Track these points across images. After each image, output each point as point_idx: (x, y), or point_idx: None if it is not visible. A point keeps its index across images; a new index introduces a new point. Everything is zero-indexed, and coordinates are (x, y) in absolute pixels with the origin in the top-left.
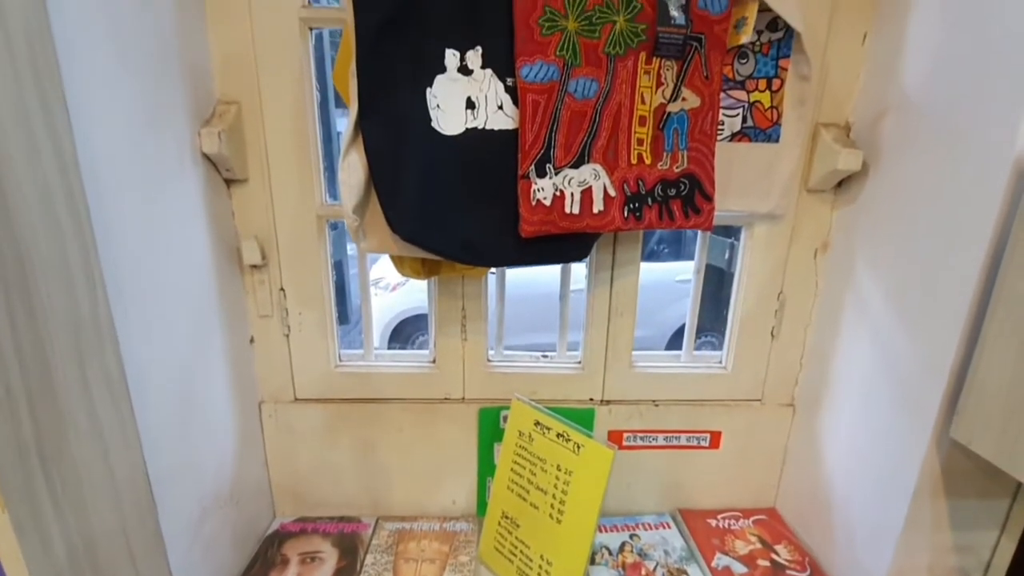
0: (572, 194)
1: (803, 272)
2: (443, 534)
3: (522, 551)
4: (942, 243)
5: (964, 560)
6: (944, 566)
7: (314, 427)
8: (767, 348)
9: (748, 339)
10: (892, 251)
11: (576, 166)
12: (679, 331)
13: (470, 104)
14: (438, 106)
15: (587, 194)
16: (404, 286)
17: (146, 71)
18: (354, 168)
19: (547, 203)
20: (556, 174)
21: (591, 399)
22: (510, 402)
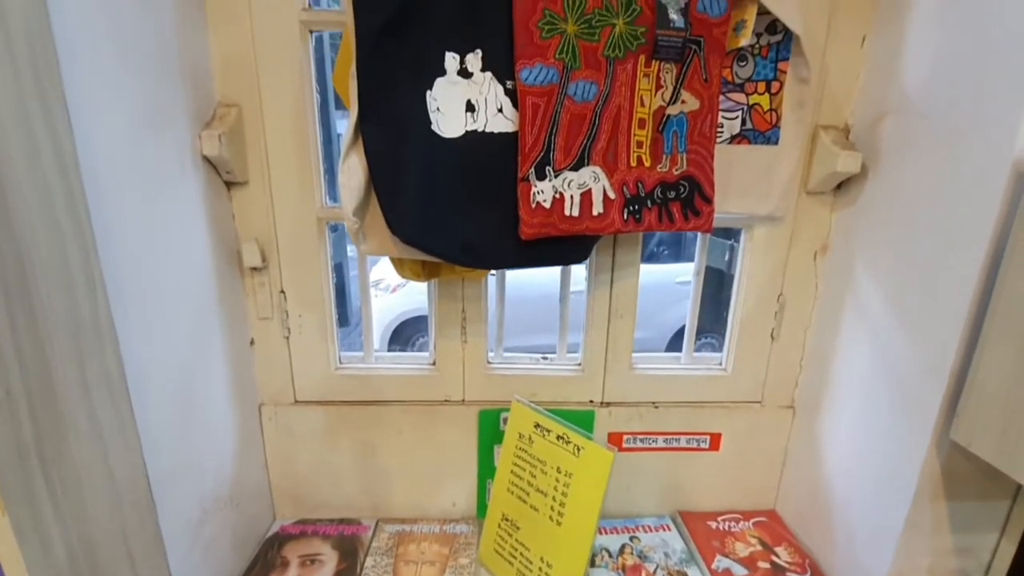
0: (572, 196)
1: (803, 274)
2: (443, 536)
3: (522, 553)
4: (942, 244)
5: (964, 562)
6: (944, 568)
7: (314, 429)
8: (767, 350)
9: (748, 341)
10: (892, 253)
11: (576, 169)
12: (679, 332)
13: (470, 107)
14: (438, 109)
15: (587, 196)
16: (404, 288)
17: (146, 73)
18: (354, 171)
19: (547, 205)
20: (556, 177)
21: (591, 401)
22: (510, 404)
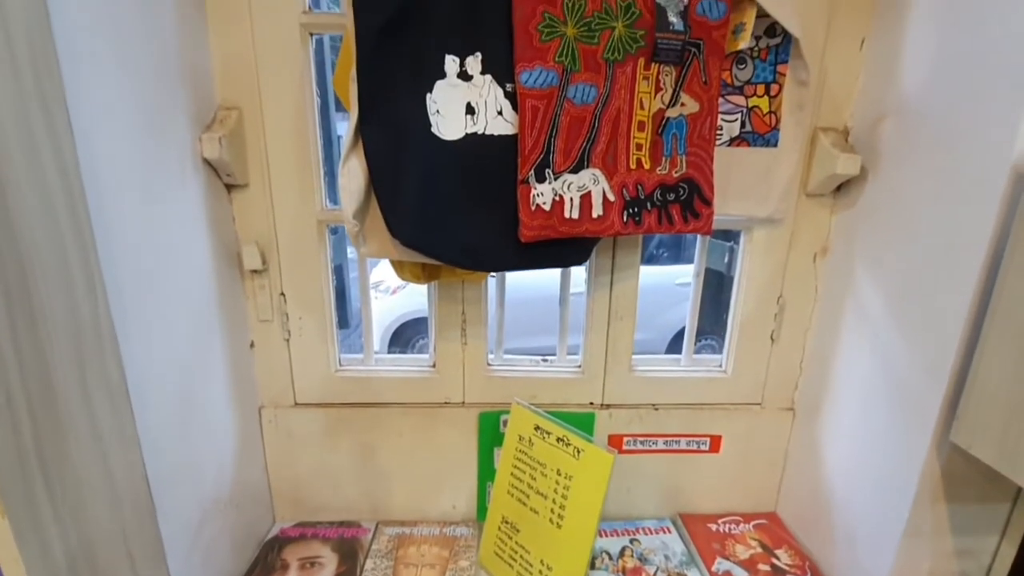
0: (571, 199)
1: (802, 276)
2: (443, 539)
3: (522, 556)
4: (941, 246)
5: (965, 565)
6: (945, 571)
7: (314, 431)
8: (767, 352)
9: (748, 343)
10: (891, 255)
11: (575, 171)
12: (679, 334)
13: (470, 109)
14: (438, 111)
15: (586, 199)
16: (404, 289)
17: (147, 76)
18: (354, 173)
19: (546, 208)
20: (555, 179)
21: (591, 403)
22: (510, 406)
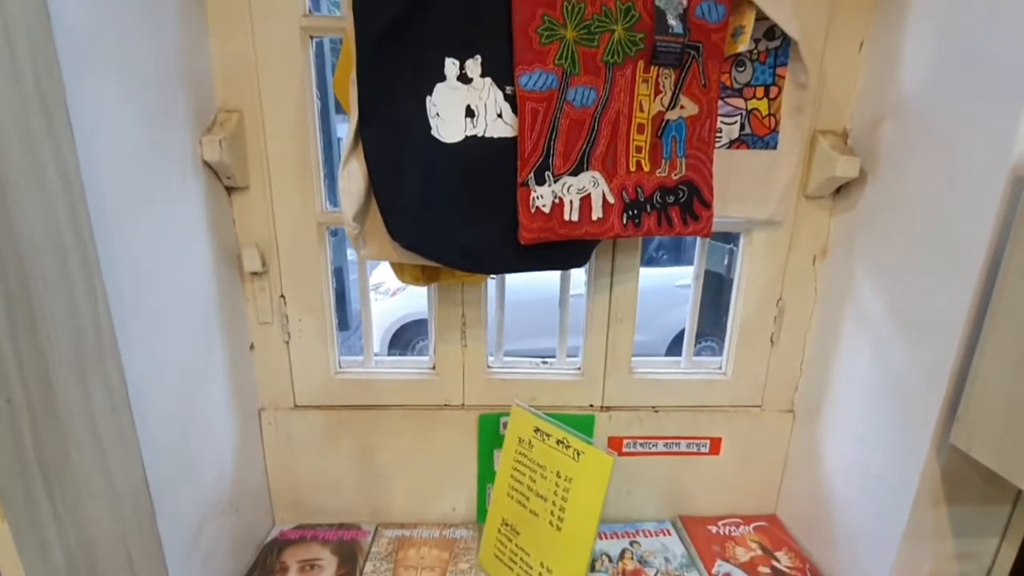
0: (571, 201)
1: (802, 278)
2: (443, 541)
3: (522, 558)
4: (940, 249)
5: (965, 567)
6: (945, 573)
7: (314, 434)
8: (767, 354)
9: (748, 345)
10: (891, 257)
11: (575, 174)
12: (679, 335)
13: (470, 112)
14: (438, 114)
15: (586, 201)
16: (404, 291)
17: (148, 79)
18: (354, 176)
19: (546, 210)
20: (555, 182)
21: (591, 405)
22: (510, 408)
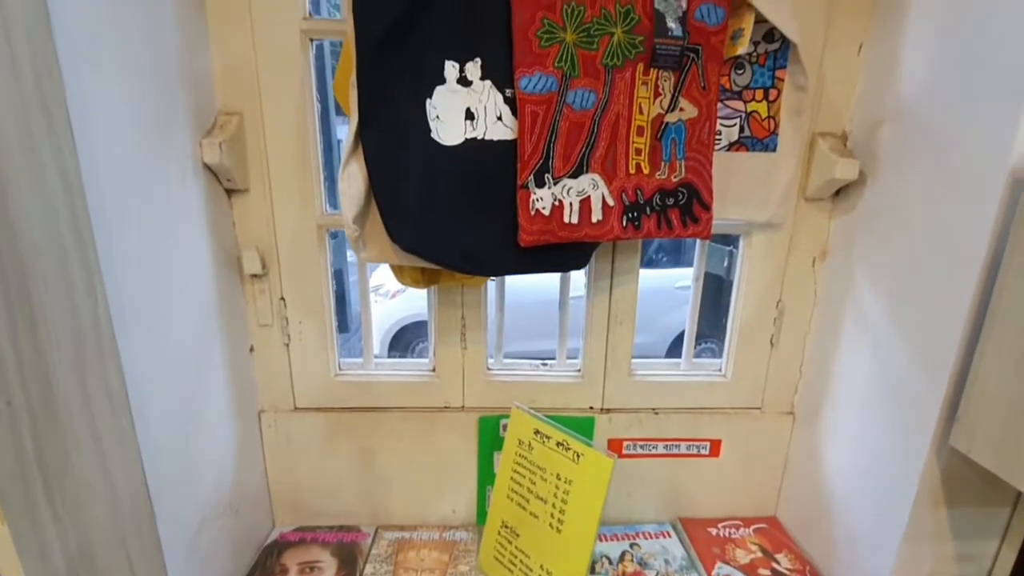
0: (571, 204)
1: (802, 280)
2: (443, 543)
3: (522, 561)
4: (940, 251)
5: (965, 569)
6: (945, 575)
7: (314, 436)
8: (766, 356)
9: (747, 347)
10: (890, 259)
11: (575, 176)
12: (679, 337)
13: (469, 115)
14: (438, 117)
15: (586, 204)
16: (404, 293)
17: (148, 81)
18: (354, 178)
19: (546, 213)
20: (555, 184)
21: (591, 407)
22: (510, 411)
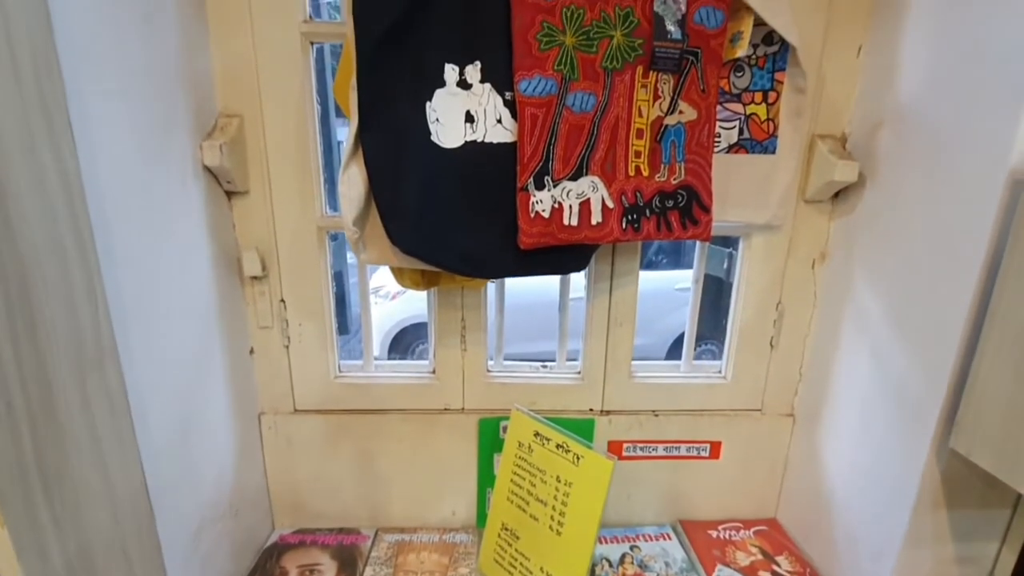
0: (570, 206)
1: (801, 282)
2: (443, 546)
3: (522, 563)
4: (940, 253)
5: (966, 571)
6: None
7: (314, 438)
8: (766, 358)
9: (747, 349)
10: (890, 261)
11: (574, 178)
12: (680, 338)
13: (469, 118)
14: (438, 120)
15: (585, 206)
16: (404, 294)
17: (149, 86)
18: (354, 181)
19: (546, 215)
20: (554, 186)
21: (591, 409)
22: (510, 413)
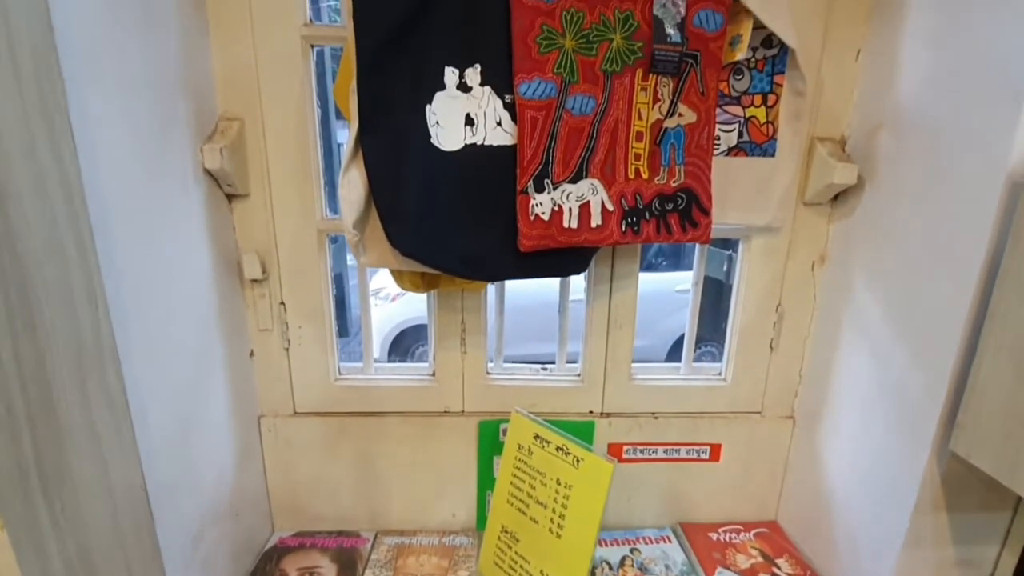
0: (570, 209)
1: (801, 285)
2: (442, 548)
3: (522, 566)
4: (939, 255)
5: (966, 574)
6: None
7: (313, 441)
8: (766, 360)
9: (747, 351)
10: (889, 264)
11: (574, 181)
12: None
13: (469, 121)
14: (437, 123)
15: (585, 209)
16: (403, 296)
17: (149, 89)
18: (354, 184)
19: (545, 218)
20: (554, 189)
21: (590, 412)
22: (510, 415)
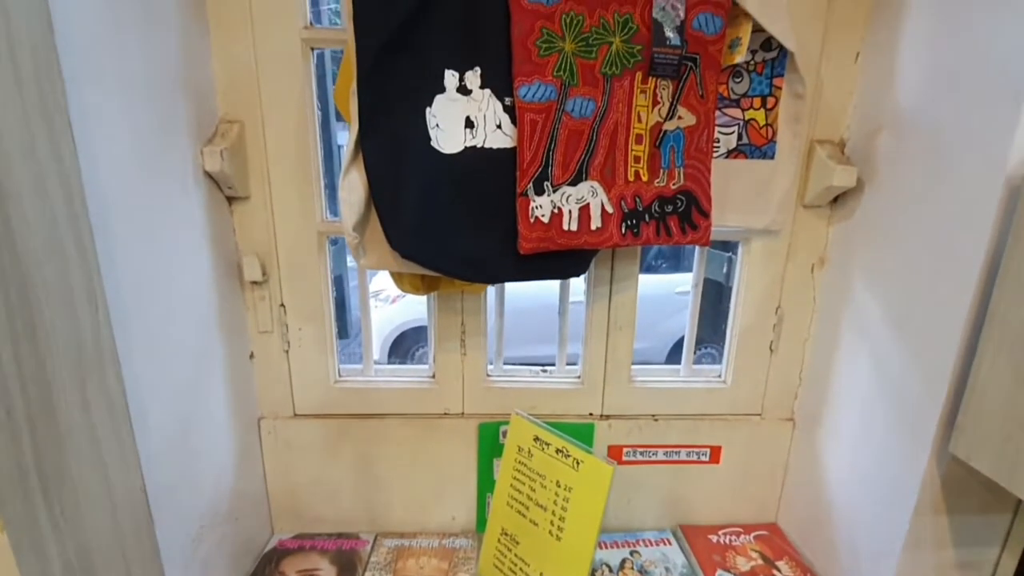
0: (570, 211)
1: (801, 287)
2: (442, 551)
3: (522, 568)
4: (938, 257)
5: None
6: None
7: (313, 443)
8: (766, 362)
9: (747, 353)
10: (889, 266)
11: (574, 183)
12: (679, 342)
13: (469, 123)
14: (437, 125)
15: (585, 211)
16: (403, 298)
17: (150, 91)
18: (354, 186)
19: (545, 220)
20: (554, 191)
21: (590, 414)
22: (509, 417)
